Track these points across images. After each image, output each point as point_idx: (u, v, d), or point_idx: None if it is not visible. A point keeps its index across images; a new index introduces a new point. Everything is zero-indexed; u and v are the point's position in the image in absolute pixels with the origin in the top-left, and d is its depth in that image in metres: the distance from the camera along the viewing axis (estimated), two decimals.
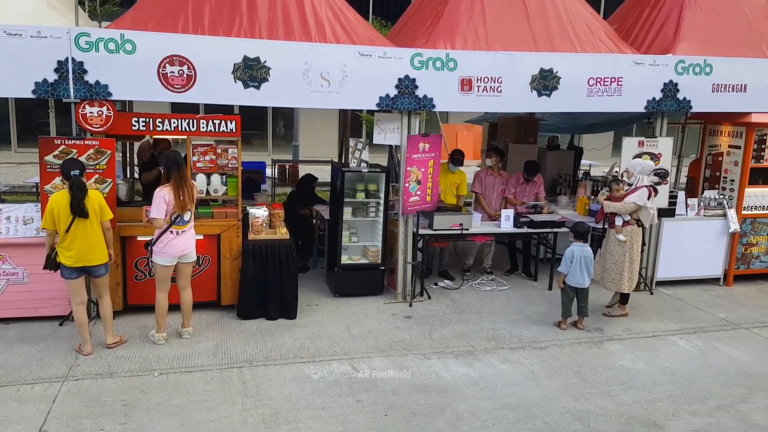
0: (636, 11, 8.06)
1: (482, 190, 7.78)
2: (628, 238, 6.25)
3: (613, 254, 6.31)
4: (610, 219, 6.36)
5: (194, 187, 5.43)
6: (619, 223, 6.27)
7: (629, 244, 6.24)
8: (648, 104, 6.81)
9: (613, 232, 6.31)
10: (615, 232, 6.28)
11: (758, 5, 7.85)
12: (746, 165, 7.28)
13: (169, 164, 5.27)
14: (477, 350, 5.53)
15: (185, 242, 5.34)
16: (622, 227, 6.26)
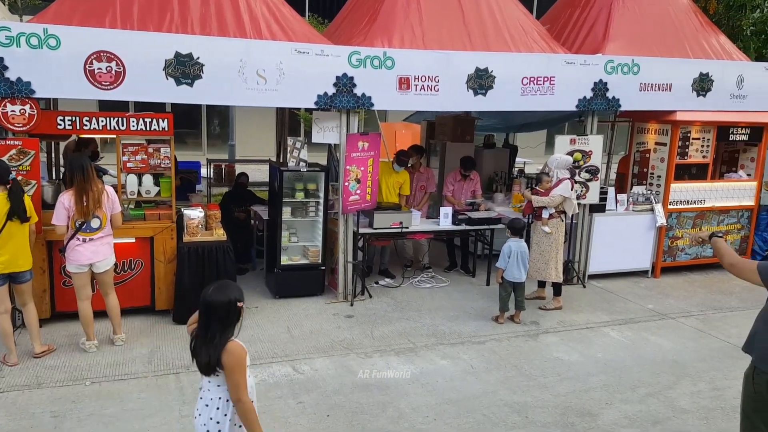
0: (567, 12, 8.32)
1: None
2: (555, 229, 6.53)
3: (540, 245, 6.55)
4: (537, 212, 6.58)
5: (103, 192, 5.07)
6: (545, 216, 6.51)
7: (555, 236, 6.53)
8: (579, 103, 7.04)
9: (539, 225, 6.54)
10: (541, 224, 6.51)
11: (681, 7, 8.27)
12: (672, 161, 7.65)
13: (72, 168, 4.99)
14: (418, 347, 5.56)
15: (94, 250, 5.06)
16: (549, 219, 6.51)
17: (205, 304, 2.69)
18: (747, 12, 11.09)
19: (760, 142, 8.06)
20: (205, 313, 2.70)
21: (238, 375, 2.67)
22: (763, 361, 3.14)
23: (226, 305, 2.70)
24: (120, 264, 5.74)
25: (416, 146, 8.46)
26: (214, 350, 2.65)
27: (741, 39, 10.93)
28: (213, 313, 2.68)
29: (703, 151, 7.79)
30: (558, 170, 6.66)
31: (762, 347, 3.15)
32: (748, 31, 11.22)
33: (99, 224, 5.07)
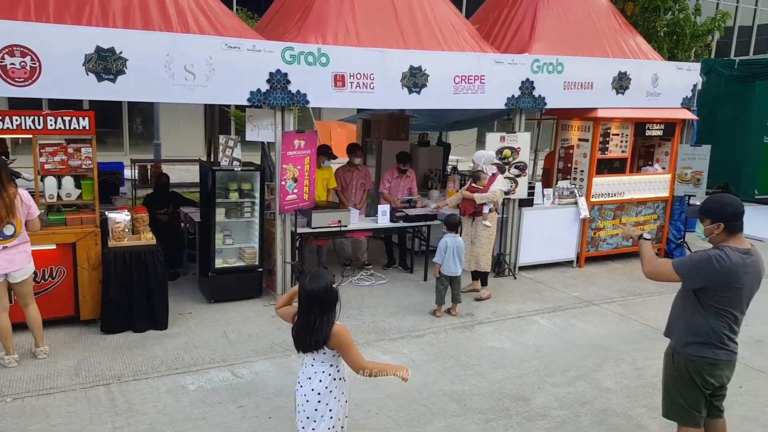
0: (495, 12, 8.56)
1: (342, 186, 7.88)
2: (493, 222, 6.79)
3: (480, 239, 6.77)
4: (478, 208, 6.76)
5: (16, 197, 4.74)
6: (486, 211, 6.72)
7: (492, 229, 6.81)
8: (508, 101, 7.27)
9: (480, 220, 6.74)
10: (482, 219, 6.72)
11: (601, 8, 8.68)
12: (594, 156, 8.03)
13: None
14: (359, 344, 5.45)
15: (9, 259, 4.74)
16: (489, 213, 6.74)
17: (305, 295, 2.95)
18: (660, 14, 11.81)
19: (673, 137, 8.61)
20: (306, 302, 2.96)
21: (352, 350, 3.00)
22: (680, 343, 3.39)
23: (324, 292, 2.96)
24: (40, 272, 5.41)
25: (355, 144, 8.46)
26: (320, 334, 2.94)
27: (655, 39, 11.63)
28: (314, 302, 2.94)
29: (622, 146, 8.23)
30: (486, 166, 6.89)
31: (678, 332, 3.41)
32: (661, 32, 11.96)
33: (13, 231, 4.74)
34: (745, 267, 3.21)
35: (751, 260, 3.24)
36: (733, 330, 3.32)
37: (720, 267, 3.17)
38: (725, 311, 3.26)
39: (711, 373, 3.32)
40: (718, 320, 3.27)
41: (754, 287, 3.31)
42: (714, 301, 3.26)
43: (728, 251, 3.22)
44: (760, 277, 3.32)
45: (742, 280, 3.22)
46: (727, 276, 3.18)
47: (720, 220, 3.26)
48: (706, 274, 3.21)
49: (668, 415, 3.56)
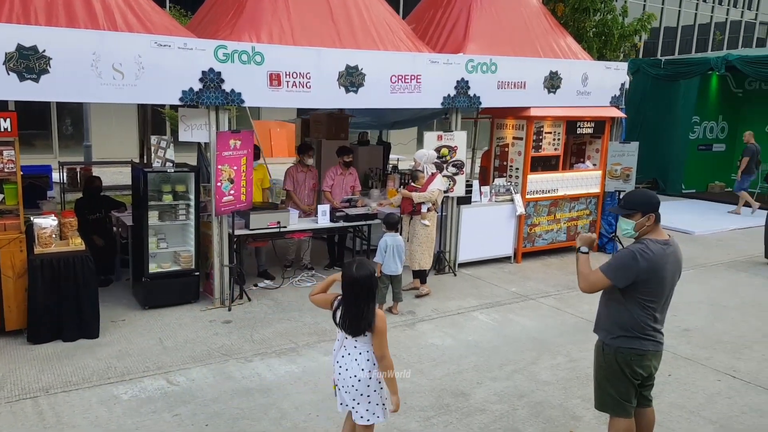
0: (431, 12, 8.66)
1: (294, 186, 7.80)
2: (432, 221, 6.86)
3: (419, 237, 6.84)
4: (416, 207, 6.84)
5: None
6: (425, 210, 6.80)
7: (432, 227, 6.88)
8: (444, 100, 7.37)
9: (419, 219, 6.81)
10: (421, 218, 6.78)
11: (533, 9, 8.92)
12: (528, 154, 8.25)
13: None
14: (299, 346, 5.54)
15: None
16: (428, 212, 6.82)
17: (352, 282, 3.18)
18: (590, 15, 12.26)
19: (603, 134, 8.95)
20: (352, 289, 3.19)
21: (383, 336, 3.28)
22: (608, 337, 3.51)
23: (370, 278, 3.22)
24: None
25: (307, 144, 8.35)
26: (370, 317, 3.22)
27: (585, 40, 12.07)
28: (360, 288, 3.19)
29: (554, 143, 8.50)
30: (427, 165, 6.98)
31: (606, 326, 3.53)
32: (590, 32, 12.42)
33: None
34: (665, 257, 3.34)
35: (670, 251, 3.38)
36: (657, 320, 3.44)
37: (645, 261, 3.27)
38: (649, 303, 3.37)
39: (639, 363, 3.44)
40: (642, 312, 3.38)
41: (675, 277, 3.44)
42: (638, 294, 3.35)
43: (649, 244, 3.33)
44: (679, 267, 3.47)
45: (664, 271, 3.34)
46: (652, 268, 3.29)
47: (650, 212, 3.37)
48: (634, 271, 3.29)
49: (600, 407, 3.67)
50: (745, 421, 4.47)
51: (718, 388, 5.01)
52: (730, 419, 4.51)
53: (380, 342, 3.27)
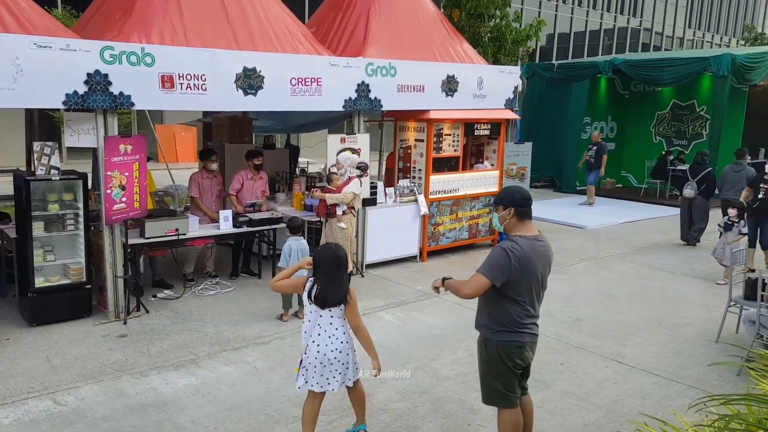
0: (331, 15, 8.68)
1: (200, 193, 7.56)
2: (349, 224, 6.88)
3: (337, 241, 6.80)
4: (331, 210, 6.83)
5: None
6: (340, 213, 6.80)
7: (349, 230, 6.90)
8: (345, 103, 7.40)
9: (334, 221, 6.80)
10: (337, 221, 6.79)
11: (430, 15, 9.14)
12: (429, 156, 8.45)
13: None
14: (200, 357, 5.37)
15: None
16: (343, 215, 6.81)
17: (336, 258, 3.69)
18: (485, 20, 12.75)
19: (499, 136, 9.33)
20: (335, 264, 3.68)
21: (356, 308, 3.78)
22: (488, 332, 3.65)
23: (346, 257, 3.76)
24: None
25: (209, 149, 8.10)
26: (346, 289, 3.72)
27: (481, 45, 12.53)
28: (340, 264, 3.70)
29: (454, 145, 8.76)
30: (350, 169, 7.01)
31: (485, 322, 3.67)
32: (486, 37, 12.92)
33: None
34: (535, 252, 3.51)
35: (540, 245, 3.56)
36: (531, 314, 3.60)
37: (515, 256, 3.43)
38: (521, 297, 3.52)
39: (519, 355, 3.61)
40: (517, 307, 3.53)
41: (545, 271, 3.62)
42: (511, 290, 3.50)
43: (518, 240, 3.49)
44: (549, 260, 3.65)
45: (534, 265, 3.51)
46: (523, 263, 3.45)
47: (510, 206, 3.54)
48: (507, 268, 3.44)
49: (487, 401, 3.80)
50: (630, 404, 4.78)
51: (606, 374, 5.34)
52: (617, 403, 4.81)
53: (355, 313, 3.75)
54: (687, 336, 6.21)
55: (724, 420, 2.19)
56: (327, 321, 3.70)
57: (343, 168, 7.05)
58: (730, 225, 8.00)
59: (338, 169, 7.12)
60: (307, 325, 3.74)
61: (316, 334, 3.70)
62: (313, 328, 3.72)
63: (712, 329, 6.24)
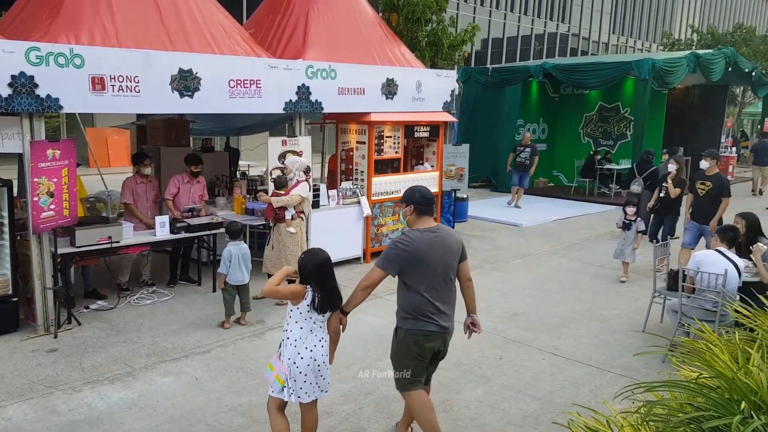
0: (269, 17, 8.60)
1: (134, 199, 7.32)
2: (298, 228, 6.83)
3: (287, 246, 6.77)
4: (280, 214, 6.76)
5: None
6: (288, 217, 6.74)
7: (300, 234, 6.85)
8: (286, 106, 7.36)
9: (283, 226, 6.74)
10: (286, 226, 6.72)
11: (368, 19, 9.20)
12: (371, 158, 8.52)
13: None
14: (136, 369, 5.20)
15: None
16: (292, 220, 6.75)
17: (324, 263, 3.65)
18: (422, 25, 12.96)
19: (438, 138, 9.52)
20: (326, 268, 3.66)
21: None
22: (399, 320, 3.92)
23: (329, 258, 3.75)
24: None
25: (142, 153, 7.83)
26: (339, 292, 3.74)
27: (418, 48, 12.73)
28: (330, 267, 3.69)
29: (395, 147, 8.87)
30: (298, 172, 6.94)
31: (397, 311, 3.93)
32: (423, 42, 13.14)
33: None
34: (428, 243, 3.70)
35: (434, 236, 3.75)
36: (434, 305, 3.77)
37: (403, 247, 3.67)
38: (419, 287, 3.73)
39: (427, 342, 3.81)
40: (417, 297, 3.75)
41: (447, 261, 3.79)
42: (411, 280, 3.73)
43: (410, 233, 3.75)
44: (450, 251, 3.80)
45: (428, 256, 3.69)
46: (412, 254, 3.67)
47: (411, 204, 3.81)
48: (397, 258, 3.69)
49: (400, 387, 3.97)
50: (565, 395, 4.99)
51: (542, 366, 5.55)
52: (553, 394, 5.01)
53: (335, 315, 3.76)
54: (616, 327, 6.54)
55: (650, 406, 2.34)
56: (318, 326, 3.69)
57: (292, 172, 6.99)
58: (628, 224, 8.14)
59: (287, 173, 7.04)
60: (298, 332, 3.63)
61: (309, 342, 3.63)
62: (308, 334, 3.64)
63: (639, 320, 6.59)
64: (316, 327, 3.66)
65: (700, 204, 8.19)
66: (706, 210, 8.11)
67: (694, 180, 8.39)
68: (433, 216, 3.89)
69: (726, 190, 8.08)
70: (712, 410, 2.01)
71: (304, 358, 3.60)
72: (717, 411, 1.98)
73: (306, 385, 3.63)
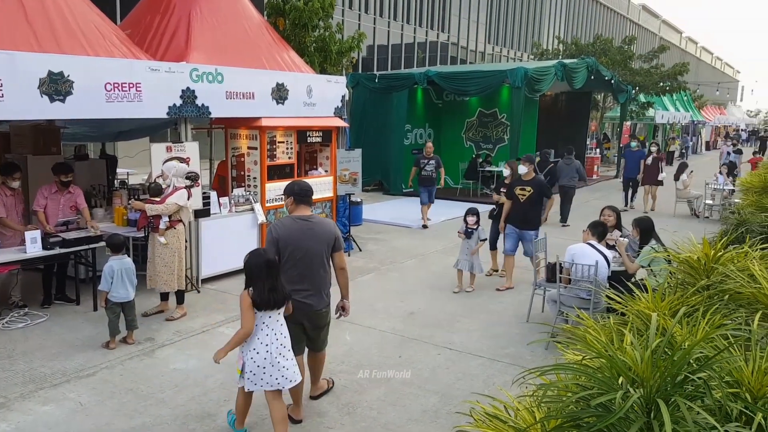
0: (148, 17, 8.19)
1: (5, 212, 6.65)
2: (175, 238, 6.50)
3: (162, 257, 6.44)
4: (154, 223, 6.42)
5: None
6: (163, 227, 6.40)
7: (177, 244, 6.52)
8: (170, 110, 7.03)
9: (157, 236, 6.40)
10: (158, 235, 6.39)
11: (255, 22, 9.05)
12: (263, 163, 8.38)
13: None
14: (10, 400, 4.73)
15: None
16: (166, 230, 6.44)
17: (268, 262, 3.89)
18: (309, 31, 12.94)
19: (331, 143, 9.56)
20: (270, 267, 3.88)
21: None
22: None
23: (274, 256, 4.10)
24: None
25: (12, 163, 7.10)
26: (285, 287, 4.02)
27: (307, 54, 12.70)
28: (273, 264, 3.93)
29: (288, 152, 8.79)
30: (176, 178, 6.61)
31: None
32: (311, 47, 13.12)
33: None
34: (299, 229, 4.33)
35: (305, 224, 4.35)
36: (300, 284, 4.33)
37: (275, 231, 4.34)
38: (286, 265, 4.29)
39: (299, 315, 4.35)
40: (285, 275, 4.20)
41: (314, 247, 4.35)
42: (283, 260, 4.27)
43: (283, 219, 4.47)
44: (319, 239, 4.36)
45: (296, 240, 4.31)
46: (283, 238, 4.30)
47: (290, 195, 4.44)
48: (271, 240, 4.31)
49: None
50: (461, 387, 5.20)
51: (439, 361, 5.76)
52: (450, 387, 5.21)
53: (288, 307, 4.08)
54: (503, 319, 6.93)
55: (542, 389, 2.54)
56: (275, 320, 3.96)
57: (169, 178, 6.68)
58: (470, 232, 7.86)
59: (164, 179, 6.73)
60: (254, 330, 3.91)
61: (264, 335, 3.92)
62: (265, 329, 3.92)
63: (523, 311, 7.04)
64: (272, 321, 3.94)
65: (519, 209, 8.01)
66: (525, 215, 7.99)
67: (512, 186, 8.15)
68: (311, 206, 4.49)
69: (548, 191, 8.28)
70: (596, 388, 2.22)
71: (260, 353, 3.89)
72: (601, 388, 2.19)
73: (266, 376, 3.91)
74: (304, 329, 4.48)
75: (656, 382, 2.11)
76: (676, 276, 3.88)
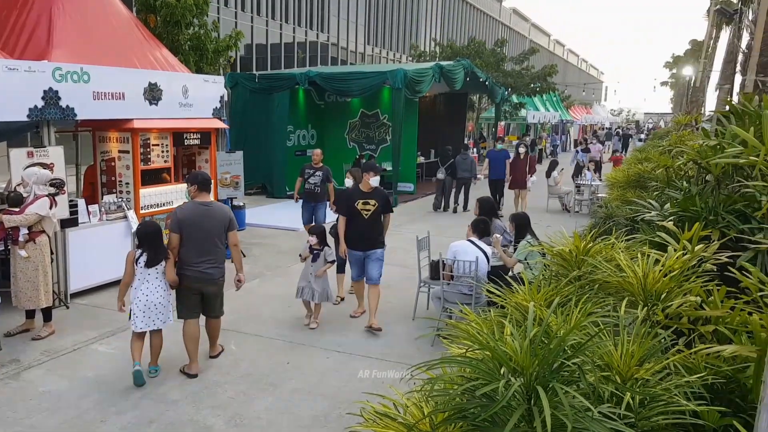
0: (3, 13, 7.45)
1: None
2: (38, 250, 5.99)
3: (25, 272, 5.92)
4: (13, 236, 5.85)
5: None
6: (22, 239, 5.85)
7: (40, 257, 6.01)
8: (31, 112, 6.45)
9: (17, 249, 5.86)
10: (19, 248, 5.84)
11: (124, 19, 8.51)
12: (137, 168, 7.91)
13: None
14: None
15: None
16: (26, 243, 5.91)
17: (154, 231, 5.25)
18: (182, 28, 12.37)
19: (210, 145, 9.24)
20: (154, 235, 5.22)
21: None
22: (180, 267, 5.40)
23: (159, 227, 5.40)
24: None
25: None
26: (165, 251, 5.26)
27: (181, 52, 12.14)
28: (158, 233, 5.26)
29: (164, 156, 8.37)
30: (37, 186, 6.03)
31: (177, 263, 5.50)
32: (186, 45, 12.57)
33: None
34: (199, 213, 5.33)
35: (203, 208, 5.36)
36: (198, 258, 5.29)
37: (178, 213, 5.34)
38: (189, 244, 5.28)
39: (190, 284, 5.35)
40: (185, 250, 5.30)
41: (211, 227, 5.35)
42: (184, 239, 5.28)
43: (185, 203, 5.54)
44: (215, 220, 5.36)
45: (194, 221, 5.29)
46: (184, 218, 5.28)
47: (194, 183, 5.45)
48: (175, 221, 5.28)
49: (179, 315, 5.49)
50: (351, 388, 5.22)
51: (328, 364, 5.77)
52: (340, 389, 5.23)
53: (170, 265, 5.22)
54: (390, 318, 7.08)
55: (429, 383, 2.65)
56: (154, 276, 5.17)
57: (29, 186, 6.11)
58: (317, 254, 6.63)
59: (24, 187, 6.14)
60: (136, 283, 5.16)
61: (144, 287, 5.14)
62: (142, 284, 5.15)
63: (409, 309, 7.24)
64: (151, 277, 5.16)
65: (364, 228, 6.61)
66: (371, 234, 6.67)
67: (350, 201, 6.64)
68: (210, 194, 5.55)
69: (390, 205, 6.99)
70: (480, 379, 2.37)
71: (141, 300, 5.11)
72: (484, 379, 2.33)
73: (146, 318, 5.13)
74: (202, 297, 5.41)
75: (535, 369, 2.25)
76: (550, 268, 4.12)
